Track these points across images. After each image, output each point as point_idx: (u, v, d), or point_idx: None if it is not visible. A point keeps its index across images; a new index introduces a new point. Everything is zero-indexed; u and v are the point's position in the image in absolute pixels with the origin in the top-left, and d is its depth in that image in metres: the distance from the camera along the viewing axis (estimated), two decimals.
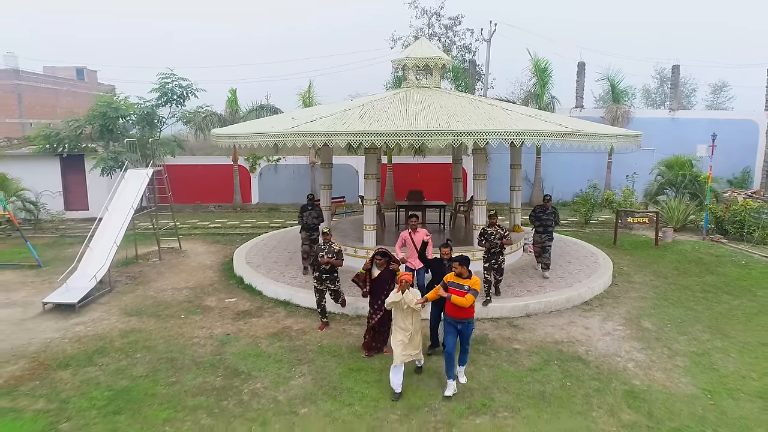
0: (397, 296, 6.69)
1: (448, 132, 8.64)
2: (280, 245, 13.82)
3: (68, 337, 8.53)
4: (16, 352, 7.95)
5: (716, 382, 7.13)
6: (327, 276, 8.48)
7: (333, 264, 8.39)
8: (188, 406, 6.44)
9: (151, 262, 13.08)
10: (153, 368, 7.42)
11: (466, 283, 6.63)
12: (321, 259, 8.32)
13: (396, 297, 6.70)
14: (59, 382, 7.04)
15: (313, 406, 6.42)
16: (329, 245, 8.48)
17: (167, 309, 9.81)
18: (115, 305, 10.02)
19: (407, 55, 12.38)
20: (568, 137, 8.95)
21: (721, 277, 12.04)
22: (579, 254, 13.06)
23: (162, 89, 18.47)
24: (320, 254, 8.40)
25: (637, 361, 7.74)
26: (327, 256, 8.33)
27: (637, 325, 9.14)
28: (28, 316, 9.49)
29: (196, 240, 15.75)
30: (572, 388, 6.89)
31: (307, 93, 21.38)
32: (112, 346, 8.18)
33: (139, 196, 12.22)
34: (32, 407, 6.40)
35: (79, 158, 18.96)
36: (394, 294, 6.76)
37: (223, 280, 11.68)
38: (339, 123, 9.16)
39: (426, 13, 25.37)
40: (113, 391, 6.79)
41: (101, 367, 7.45)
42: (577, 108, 23.07)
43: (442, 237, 13.43)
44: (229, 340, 8.37)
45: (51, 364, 7.58)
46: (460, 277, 6.68)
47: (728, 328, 9.02)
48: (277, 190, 22.50)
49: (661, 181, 18.24)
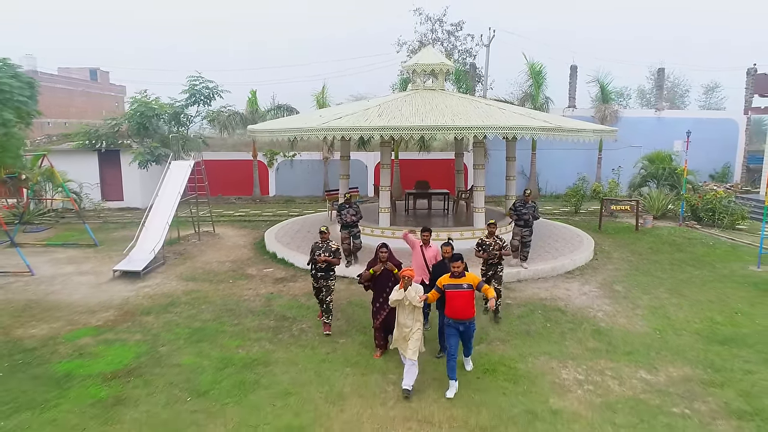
0: (400, 293, 6.64)
1: (453, 127, 10.52)
2: (304, 228, 15.70)
3: (141, 295, 10.41)
4: (104, 305, 9.83)
5: (666, 324, 9.00)
6: (322, 275, 8.45)
7: (330, 263, 8.39)
8: (252, 338, 8.33)
9: (191, 243, 14.93)
10: (218, 315, 9.30)
11: (464, 282, 6.62)
12: (318, 258, 8.32)
13: (399, 294, 6.65)
14: (146, 323, 8.92)
15: (349, 338, 8.28)
16: (327, 244, 8.47)
17: (216, 276, 11.70)
18: (172, 273, 11.90)
19: (416, 62, 14.26)
20: (552, 132, 10.84)
21: (688, 255, 13.89)
22: (566, 236, 14.92)
23: (191, 90, 20.33)
24: (317, 253, 8.39)
25: (606, 311, 9.61)
26: (324, 254, 8.34)
27: (610, 288, 11.01)
28: (102, 282, 11.36)
29: (225, 226, 17.61)
30: (551, 328, 8.76)
31: (321, 94, 23.27)
32: (179, 300, 10.06)
33: (184, 184, 14.06)
34: (132, 338, 8.28)
35: (115, 153, 20.83)
36: (397, 291, 6.70)
37: (258, 255, 13.56)
38: (362, 120, 11.04)
39: (430, 19, 27.26)
40: (191, 329, 8.67)
41: (176, 314, 9.34)
42: (569, 108, 24.92)
43: (446, 220, 15.34)
44: (274, 297, 10.25)
45: (135, 312, 9.46)
46: (455, 276, 6.66)
47: (685, 291, 10.88)
48: (293, 183, 24.39)
49: (644, 174, 20.10)
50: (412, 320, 6.69)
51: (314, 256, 8.42)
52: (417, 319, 6.72)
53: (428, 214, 15.66)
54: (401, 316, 6.75)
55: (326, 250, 8.41)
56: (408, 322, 6.69)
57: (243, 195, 23.98)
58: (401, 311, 6.75)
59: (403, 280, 6.63)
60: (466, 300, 6.57)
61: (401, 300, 6.65)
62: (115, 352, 7.76)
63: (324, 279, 8.46)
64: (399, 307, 6.77)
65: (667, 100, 53.94)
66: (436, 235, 12.56)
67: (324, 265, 8.38)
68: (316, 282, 8.56)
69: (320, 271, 8.45)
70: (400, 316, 6.78)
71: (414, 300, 6.59)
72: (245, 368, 7.26)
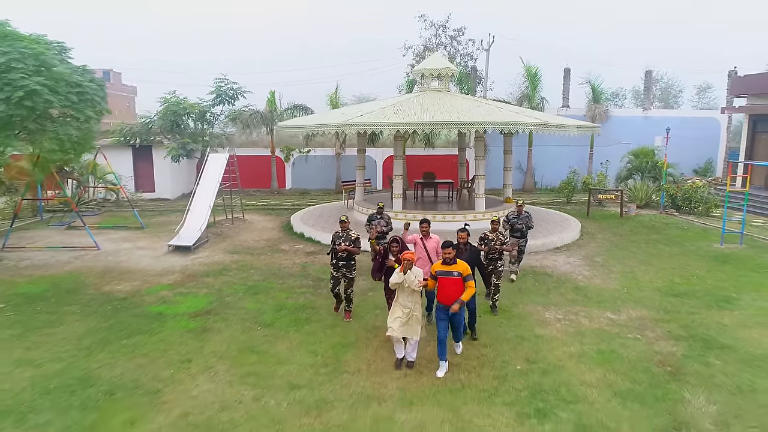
0: (400, 276, 6.84)
1: (458, 123, 12.51)
2: (324, 214, 17.69)
3: (196, 264, 12.40)
4: (168, 270, 11.83)
5: (633, 284, 10.99)
6: (344, 263, 8.46)
7: (350, 252, 8.38)
8: (297, 291, 10.32)
9: (226, 226, 16.90)
10: (265, 277, 11.29)
11: (455, 269, 6.84)
12: (338, 247, 8.30)
13: (399, 278, 6.85)
14: (208, 282, 10.91)
15: (376, 293, 10.25)
16: (347, 233, 8.44)
17: (255, 250, 13.69)
18: (217, 248, 13.89)
19: (425, 66, 16.26)
20: (541, 126, 12.83)
21: (663, 236, 15.87)
22: (557, 219, 16.91)
23: (217, 90, 22.34)
24: (338, 242, 8.38)
25: (585, 275, 11.60)
26: (344, 243, 8.32)
27: (591, 259, 13.00)
28: (159, 254, 13.35)
29: (251, 213, 19.57)
30: (539, 286, 10.75)
31: (334, 95, 25.29)
32: (229, 267, 12.05)
33: (221, 173, 16.02)
34: (201, 292, 10.28)
35: (147, 149, 22.84)
36: (397, 274, 6.89)
37: (287, 235, 15.55)
38: (381, 117, 13.04)
39: (434, 25, 29.27)
40: (246, 286, 10.66)
41: (230, 276, 11.33)
42: (563, 108, 26.92)
43: (451, 206, 17.34)
44: (308, 265, 12.24)
45: (195, 275, 11.45)
46: (446, 263, 6.87)
47: (654, 261, 12.86)
48: (308, 177, 26.40)
49: (630, 168, 22.09)
50: (412, 302, 6.93)
51: (335, 245, 8.43)
52: (416, 302, 6.99)
53: (435, 201, 17.68)
54: (401, 297, 7.00)
55: (346, 239, 8.39)
56: (408, 303, 6.93)
57: (262, 188, 25.97)
58: (401, 293, 7.00)
59: (404, 263, 6.84)
60: (456, 287, 6.82)
61: (401, 283, 6.87)
62: (191, 301, 9.76)
63: (345, 268, 8.47)
64: (399, 289, 7.00)
65: (661, 100, 56.19)
66: (443, 217, 14.65)
67: (345, 254, 8.37)
68: (337, 271, 8.52)
69: (341, 260, 8.44)
70: (400, 298, 7.01)
71: (413, 284, 6.80)
72: (297, 310, 9.26)
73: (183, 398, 6.29)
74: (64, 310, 9.21)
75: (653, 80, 54.65)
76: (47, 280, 11.01)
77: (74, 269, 11.86)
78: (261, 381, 6.72)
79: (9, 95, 9.85)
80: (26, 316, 8.91)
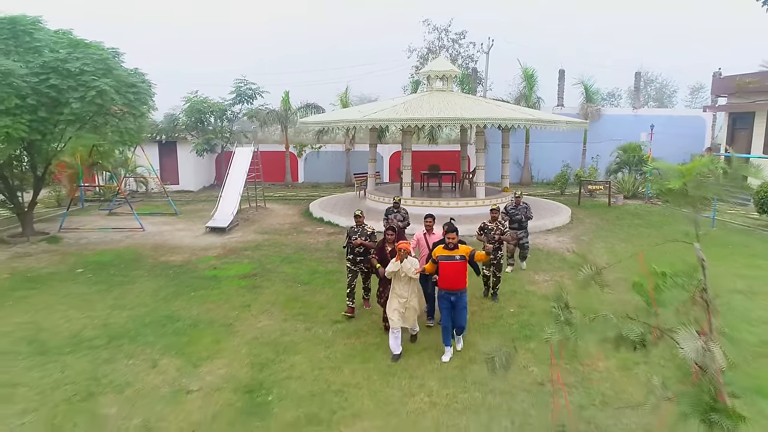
0: (396, 265, 6.91)
1: (462, 119, 14.31)
2: (339, 202, 19.51)
3: (233, 241, 14.21)
4: (210, 246, 13.65)
5: (612, 254, 12.79)
6: (361, 258, 8.50)
7: (366, 246, 8.38)
8: (325, 261, 12.13)
9: (251, 213, 18.74)
10: (296, 251, 13.11)
11: (457, 253, 6.89)
12: (354, 241, 8.40)
13: (395, 266, 6.91)
14: (247, 255, 12.73)
15: None
16: (362, 228, 8.52)
17: (282, 231, 15.51)
18: (248, 230, 15.71)
19: (430, 69, 18.08)
20: (534, 122, 14.65)
21: (645, 221, 17.69)
22: (550, 207, 18.73)
23: (237, 90, 24.16)
24: (353, 237, 8.47)
25: (571, 249, 13.42)
26: (360, 238, 8.38)
27: (578, 238, 14.82)
28: (198, 234, 15.17)
29: (271, 202, 21.39)
30: (530, 258, 12.55)
31: (344, 94, 27.13)
32: (263, 244, 13.87)
33: (248, 165, 17.83)
34: (243, 261, 12.10)
35: (172, 144, 24.67)
36: (393, 263, 6.97)
37: (307, 220, 17.37)
38: (393, 114, 14.85)
39: (437, 29, 31.10)
40: (281, 257, 12.48)
41: (266, 250, 13.14)
42: (558, 106, 28.71)
43: (454, 194, 19.15)
44: (330, 242, 14.05)
45: (235, 249, 13.27)
46: (449, 248, 6.90)
47: (633, 240, 14.67)
48: (319, 171, 28.23)
49: (618, 162, 23.91)
50: (408, 291, 7.02)
51: (350, 240, 8.53)
52: (413, 290, 7.10)
53: (439, 190, 19.50)
54: (397, 287, 7.08)
55: (362, 234, 8.48)
56: (404, 293, 7.02)
57: (276, 181, 27.78)
58: (397, 282, 7.07)
59: (399, 253, 6.95)
60: (458, 271, 6.86)
61: (397, 271, 6.96)
62: (237, 267, 11.58)
63: (363, 263, 8.52)
64: (395, 278, 7.06)
65: (656, 99, 58.03)
66: (447, 203, 16.46)
67: (361, 249, 8.43)
68: (354, 265, 8.58)
69: (359, 255, 8.50)
70: (396, 287, 7.09)
71: (409, 272, 6.91)
72: (327, 274, 11.07)
73: (251, 329, 8.11)
74: (133, 274, 11.04)
75: (648, 81, 56.96)
76: (110, 253, 12.84)
77: (129, 245, 13.69)
78: (308, 318, 8.54)
79: (83, 94, 11.67)
80: (104, 278, 10.74)
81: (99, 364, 6.88)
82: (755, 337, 7.75)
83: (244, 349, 7.37)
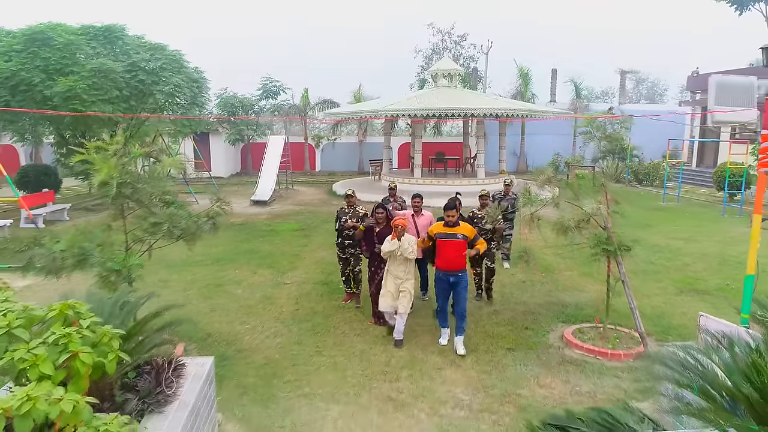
0: (394, 244, 6.37)
1: (466, 109, 17.25)
2: (356, 184, 22.44)
3: (275, 211, 17.14)
4: (258, 213, 16.59)
5: None
6: (350, 242, 7.65)
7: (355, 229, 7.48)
8: None
9: (282, 192, 21.67)
10: (329, 215, 15.99)
11: (457, 231, 6.38)
12: (345, 223, 7.55)
13: (392, 245, 6.39)
14: (291, 217, 15.67)
15: None
16: (353, 209, 7.68)
17: (314, 204, 18.46)
18: (284, 203, 18.66)
19: (438, 68, 21.04)
20: (525, 111, 17.60)
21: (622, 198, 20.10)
22: None
23: (263, 87, 27.10)
24: (344, 218, 7.62)
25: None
26: (351, 220, 7.52)
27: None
28: (244, 206, 18.09)
29: (296, 186, 24.35)
30: None
31: (358, 91, 30.09)
32: (301, 212, 16.80)
33: (281, 152, 20.75)
34: (290, 221, 15.03)
35: (205, 135, 27.60)
36: (389, 242, 6.43)
37: (332, 197, 20.30)
38: (408, 105, 17.76)
39: (440, 32, 34.06)
40: (320, 219, 15.40)
41: (304, 216, 16.06)
42: (550, 102, 31.67)
43: (458, 175, 22.12)
44: None
45: (279, 214, 16.22)
46: (449, 225, 6.38)
47: None
48: (335, 161, 31.18)
49: (603, 151, 26.85)
50: (404, 272, 6.54)
51: (341, 222, 7.66)
52: (409, 271, 6.59)
53: (445, 172, 22.46)
54: (393, 267, 6.58)
55: (353, 215, 7.59)
56: (400, 273, 6.54)
57: (296, 170, 30.68)
58: (393, 262, 6.58)
59: (396, 230, 6.38)
60: (459, 250, 6.34)
61: (394, 251, 6.42)
62: (287, 225, 14.53)
63: (352, 247, 7.68)
64: (391, 258, 6.57)
65: (648, 97, 61.06)
66: (452, 182, 19.40)
67: (352, 232, 7.53)
68: (343, 252, 7.75)
69: (347, 239, 7.63)
70: (391, 267, 6.61)
71: (406, 252, 6.38)
72: None
73: (313, 256, 11.06)
74: None
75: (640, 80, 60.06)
76: None
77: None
78: None
79: (162, 89, 14.60)
80: None
81: (215, 271, 9.85)
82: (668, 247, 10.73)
83: (313, 266, 10.32)
